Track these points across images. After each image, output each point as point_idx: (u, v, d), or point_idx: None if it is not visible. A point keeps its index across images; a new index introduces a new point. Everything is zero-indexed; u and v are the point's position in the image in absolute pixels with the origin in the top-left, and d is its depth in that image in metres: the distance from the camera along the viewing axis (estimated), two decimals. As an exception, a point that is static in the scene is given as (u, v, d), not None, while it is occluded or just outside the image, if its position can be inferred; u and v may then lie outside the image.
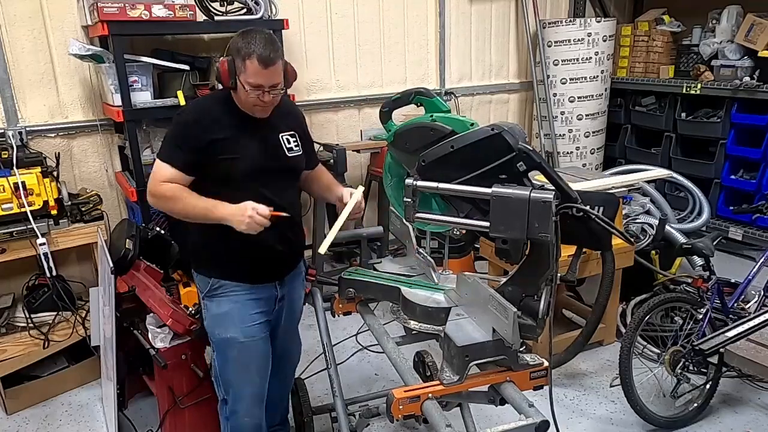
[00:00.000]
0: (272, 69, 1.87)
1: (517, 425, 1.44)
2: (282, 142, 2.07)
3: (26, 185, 2.94)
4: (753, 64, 4.42)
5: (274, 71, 1.88)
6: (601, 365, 3.28)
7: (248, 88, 1.89)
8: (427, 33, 4.78)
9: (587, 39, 4.78)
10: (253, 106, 1.95)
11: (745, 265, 3.90)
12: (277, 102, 1.99)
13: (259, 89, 1.89)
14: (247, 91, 1.89)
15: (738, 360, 2.67)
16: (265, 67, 1.85)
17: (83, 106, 3.62)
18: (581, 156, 5.09)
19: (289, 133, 2.11)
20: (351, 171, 4.27)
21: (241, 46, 1.87)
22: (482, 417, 2.62)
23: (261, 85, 1.88)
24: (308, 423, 2.53)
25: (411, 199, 1.58)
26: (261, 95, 1.90)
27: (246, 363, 2.11)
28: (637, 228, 3.80)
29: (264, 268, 2.09)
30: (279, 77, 1.92)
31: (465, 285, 1.78)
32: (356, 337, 3.55)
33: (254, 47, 1.85)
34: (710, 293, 2.83)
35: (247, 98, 1.93)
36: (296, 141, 2.12)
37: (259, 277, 2.09)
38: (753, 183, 4.45)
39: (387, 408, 1.56)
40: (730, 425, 2.80)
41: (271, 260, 2.10)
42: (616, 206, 1.57)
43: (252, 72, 1.86)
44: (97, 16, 3.03)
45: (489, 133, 1.49)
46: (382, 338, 1.92)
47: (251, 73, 1.86)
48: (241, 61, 1.87)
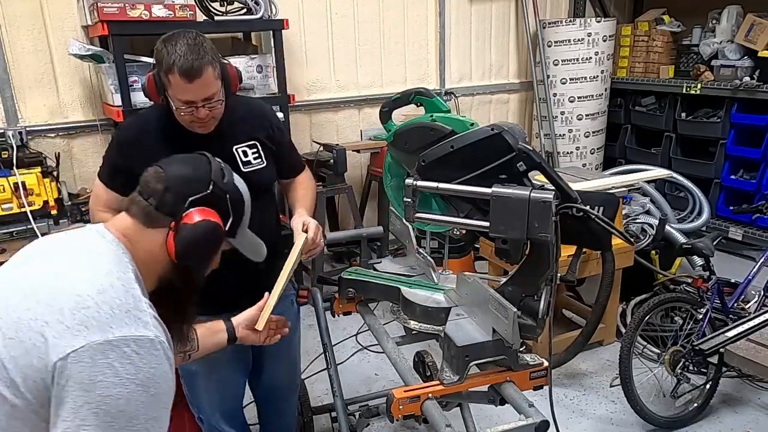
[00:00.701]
0: (199, 81, 1.61)
1: (517, 425, 1.44)
2: (237, 155, 1.83)
3: (26, 185, 2.95)
4: (753, 64, 4.42)
5: (203, 83, 1.62)
6: (601, 365, 3.28)
7: (178, 105, 1.66)
8: (427, 33, 4.78)
9: (587, 39, 4.78)
10: (190, 122, 1.71)
11: (745, 265, 3.90)
12: (219, 114, 1.74)
13: (190, 105, 1.65)
14: (179, 108, 1.66)
15: (738, 360, 2.67)
16: (190, 80, 1.60)
17: (83, 106, 3.62)
18: (581, 156, 5.09)
19: (247, 144, 1.86)
20: (351, 171, 4.27)
21: (161, 57, 1.62)
22: (482, 417, 2.62)
23: (191, 101, 1.64)
24: (308, 423, 2.53)
25: (411, 199, 1.57)
26: (195, 111, 1.66)
27: (213, 391, 2.00)
28: (637, 228, 3.80)
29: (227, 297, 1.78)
30: (211, 88, 1.65)
31: (465, 285, 1.78)
32: (356, 337, 3.55)
33: (174, 57, 1.58)
34: (710, 293, 2.83)
35: (181, 116, 1.69)
36: (256, 152, 1.87)
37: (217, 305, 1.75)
38: (753, 183, 4.45)
39: (387, 408, 1.56)
40: (730, 425, 2.80)
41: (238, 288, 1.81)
42: (616, 206, 1.57)
43: (177, 87, 1.61)
44: (97, 16, 3.04)
45: (489, 133, 1.49)
46: (382, 338, 1.92)
47: (176, 89, 1.62)
48: (165, 76, 1.62)
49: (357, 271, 2.13)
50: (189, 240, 1.23)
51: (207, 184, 1.30)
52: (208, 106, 1.67)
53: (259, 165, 1.87)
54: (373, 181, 4.51)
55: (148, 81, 1.70)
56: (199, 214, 1.26)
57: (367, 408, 2.57)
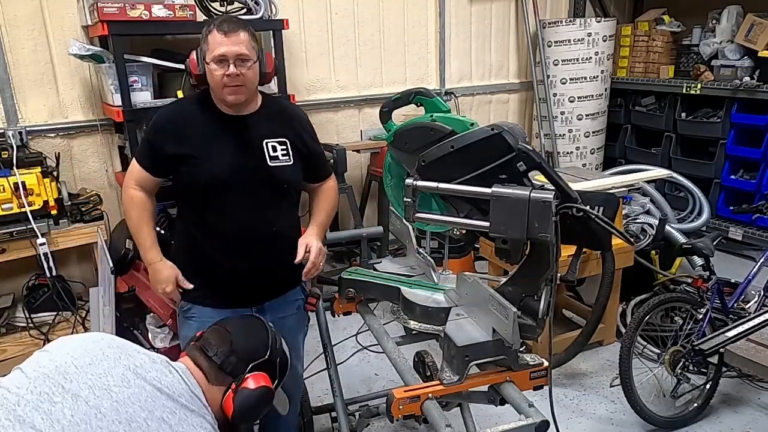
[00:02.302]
0: (234, 37, 1.77)
1: (517, 425, 1.44)
2: (265, 148, 1.91)
3: (26, 185, 2.94)
4: (753, 64, 4.42)
5: (236, 40, 1.77)
6: (601, 365, 3.28)
7: (213, 65, 1.78)
8: (427, 33, 4.78)
9: (587, 39, 4.78)
10: (221, 88, 1.80)
11: (745, 265, 3.90)
12: (250, 82, 1.84)
13: (223, 62, 1.77)
14: (212, 69, 1.78)
15: (738, 360, 2.67)
16: (226, 34, 1.76)
17: (83, 106, 3.62)
18: (581, 156, 5.09)
19: (278, 140, 1.93)
20: (351, 171, 4.27)
21: (204, 31, 1.83)
22: (482, 417, 2.62)
23: (224, 56, 1.76)
24: (308, 423, 2.53)
25: (411, 199, 1.57)
26: (226, 69, 1.77)
27: None
28: (637, 228, 3.80)
29: (230, 291, 1.91)
30: (245, 49, 1.79)
31: (465, 285, 1.78)
32: (356, 337, 3.55)
33: (215, 21, 1.80)
34: (710, 293, 2.83)
35: (214, 78, 1.80)
36: (285, 149, 1.94)
37: (224, 302, 1.90)
38: (753, 183, 4.45)
39: (387, 408, 1.56)
40: (730, 425, 2.80)
41: (240, 283, 1.92)
42: (616, 206, 1.57)
43: (213, 44, 1.77)
44: (97, 16, 3.03)
45: (489, 133, 1.49)
46: (382, 338, 1.92)
47: (213, 46, 1.77)
48: (204, 41, 1.80)
49: (357, 271, 2.13)
50: (248, 404, 1.37)
51: (266, 350, 1.45)
52: (240, 66, 1.77)
53: (285, 162, 1.93)
54: (373, 181, 4.50)
55: (190, 57, 1.86)
56: (259, 380, 1.40)
57: (367, 408, 2.57)
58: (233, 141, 1.88)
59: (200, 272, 1.95)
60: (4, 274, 3.42)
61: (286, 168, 1.93)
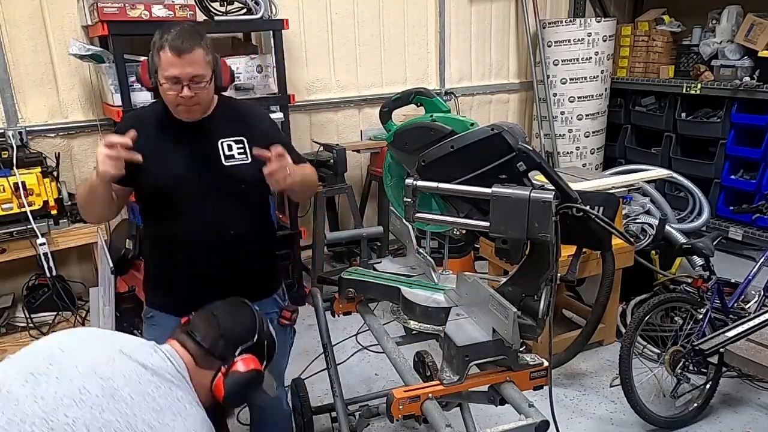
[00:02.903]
0: (187, 57, 1.67)
1: (517, 425, 1.44)
2: (220, 148, 1.84)
3: (26, 185, 2.95)
4: (753, 64, 4.42)
5: (191, 60, 1.68)
6: (601, 365, 3.28)
7: (165, 83, 1.71)
8: (427, 33, 4.78)
9: (587, 39, 4.78)
10: (175, 106, 1.76)
11: (745, 265, 3.90)
12: (204, 101, 1.78)
13: (176, 82, 1.69)
14: (165, 88, 1.71)
15: (738, 360, 2.67)
16: (178, 55, 1.66)
17: (83, 106, 3.62)
18: (581, 156, 5.10)
19: (233, 139, 1.86)
20: (351, 171, 4.27)
21: (155, 40, 1.71)
22: (482, 417, 2.62)
23: (177, 77, 1.68)
24: (308, 423, 2.53)
25: (411, 199, 1.57)
26: (180, 90, 1.70)
27: None
28: (637, 228, 3.80)
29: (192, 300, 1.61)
30: (198, 68, 1.70)
31: (465, 285, 1.78)
32: (356, 337, 3.55)
33: (167, 37, 1.68)
34: (710, 293, 2.83)
35: (167, 96, 1.74)
36: (242, 148, 1.87)
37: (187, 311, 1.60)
38: (753, 183, 4.45)
39: (387, 408, 1.56)
40: (730, 425, 2.80)
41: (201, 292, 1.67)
42: (616, 206, 1.57)
43: (165, 63, 1.68)
44: (97, 16, 3.04)
45: (489, 133, 1.49)
46: (382, 338, 1.92)
47: (165, 65, 1.68)
48: (156, 54, 1.70)
49: (357, 271, 2.13)
50: (240, 387, 1.39)
51: (254, 333, 1.47)
52: (194, 87, 1.71)
53: (242, 160, 1.85)
54: (373, 181, 4.50)
55: (141, 66, 1.78)
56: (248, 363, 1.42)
57: (367, 408, 2.57)
58: (188, 146, 1.83)
59: (162, 280, 1.91)
60: (4, 274, 3.42)
61: (243, 166, 1.85)
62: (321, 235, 3.94)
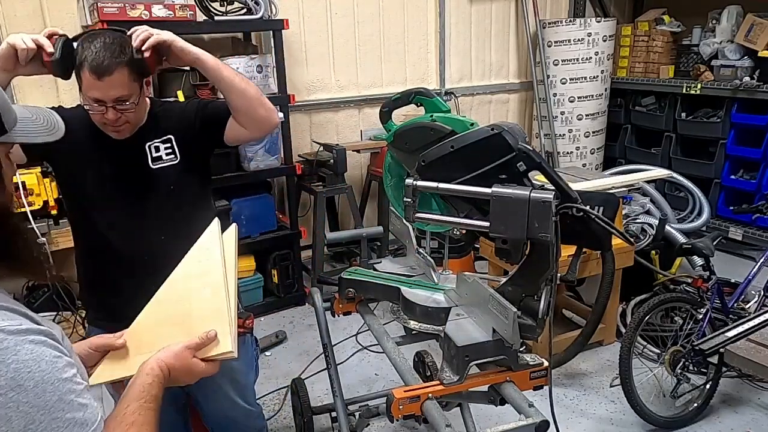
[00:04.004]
0: (109, 79, 1.54)
1: (517, 425, 1.44)
2: (148, 151, 1.76)
3: (26, 185, 2.95)
4: (753, 64, 4.42)
5: (114, 82, 1.55)
6: (601, 365, 3.28)
7: (88, 103, 1.60)
8: (427, 33, 4.78)
9: (587, 39, 4.78)
10: (103, 125, 1.65)
11: (745, 265, 3.90)
12: (135, 120, 1.68)
13: (100, 104, 1.59)
14: (90, 108, 1.61)
15: (738, 360, 2.67)
16: (99, 77, 1.54)
17: (83, 106, 3.62)
18: (581, 156, 5.10)
19: (161, 140, 1.78)
20: (351, 171, 4.27)
21: (77, 54, 1.57)
22: (482, 417, 2.62)
23: (100, 100, 1.58)
24: (308, 423, 2.53)
25: (411, 199, 1.57)
26: (104, 112, 1.60)
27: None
28: (637, 228, 3.80)
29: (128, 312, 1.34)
30: (123, 89, 1.58)
31: (465, 285, 1.78)
32: (356, 337, 3.55)
33: (87, 53, 1.54)
34: (710, 293, 2.83)
35: (94, 117, 1.63)
36: (170, 147, 1.78)
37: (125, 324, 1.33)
38: (753, 183, 4.45)
39: (387, 408, 1.56)
40: (730, 425, 2.80)
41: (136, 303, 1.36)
42: (616, 206, 1.57)
43: (87, 83, 1.56)
44: (97, 16, 3.04)
45: (489, 133, 1.48)
46: (382, 338, 1.92)
47: (86, 85, 1.57)
48: (77, 73, 1.57)
49: (357, 271, 2.13)
50: None
51: None
52: (120, 108, 1.61)
53: (170, 161, 1.78)
54: (373, 181, 4.50)
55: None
56: None
57: (367, 408, 2.57)
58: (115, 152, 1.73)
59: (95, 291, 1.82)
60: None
61: (171, 168, 1.77)
62: (321, 235, 3.94)
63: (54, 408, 0.86)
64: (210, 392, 1.95)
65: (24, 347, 0.86)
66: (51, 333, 0.93)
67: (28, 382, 0.84)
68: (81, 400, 0.90)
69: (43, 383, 0.85)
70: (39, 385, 0.85)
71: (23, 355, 0.85)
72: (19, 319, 0.90)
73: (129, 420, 1.00)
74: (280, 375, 3.22)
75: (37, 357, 0.86)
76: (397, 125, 1.88)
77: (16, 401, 0.82)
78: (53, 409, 0.86)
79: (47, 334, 0.91)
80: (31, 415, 0.84)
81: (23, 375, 0.84)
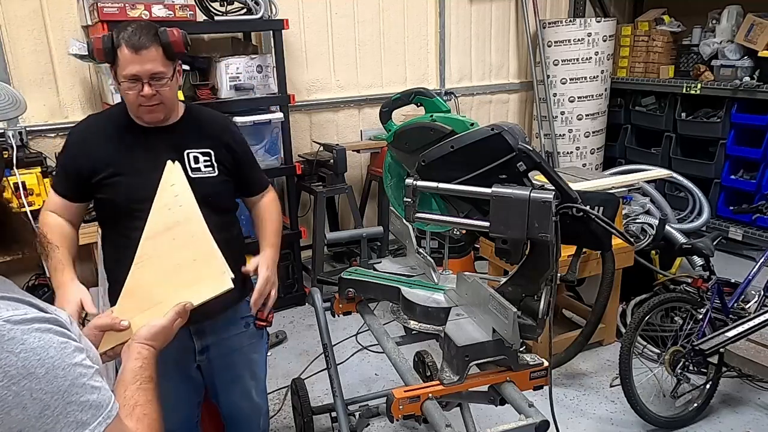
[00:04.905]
0: (145, 54, 1.64)
1: (517, 425, 1.44)
2: (186, 159, 1.79)
3: (26, 185, 2.94)
4: (753, 64, 4.42)
5: (149, 57, 1.65)
6: (601, 365, 3.28)
7: (125, 84, 1.67)
8: (427, 33, 4.78)
9: (587, 39, 4.78)
10: (137, 107, 1.71)
11: (745, 265, 3.90)
12: (168, 100, 1.74)
13: (135, 81, 1.66)
14: (125, 88, 1.68)
15: (738, 360, 2.67)
16: (136, 51, 1.63)
17: (83, 106, 3.62)
18: (581, 156, 5.10)
19: (201, 151, 1.82)
20: (351, 171, 4.27)
21: (113, 35, 1.67)
22: (482, 417, 2.62)
23: (136, 75, 1.65)
24: (308, 423, 2.53)
25: (411, 199, 1.57)
26: (140, 89, 1.66)
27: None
28: (637, 228, 3.80)
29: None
30: (158, 65, 1.67)
31: (465, 285, 1.78)
32: (356, 337, 3.55)
33: (123, 34, 1.65)
34: (710, 293, 2.83)
35: (128, 97, 1.70)
36: (208, 160, 1.82)
37: None
38: (753, 183, 4.45)
39: (387, 408, 1.56)
40: (730, 425, 2.80)
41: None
42: (616, 206, 1.57)
43: (123, 61, 1.65)
44: (97, 16, 3.04)
45: (489, 133, 1.49)
46: (382, 338, 1.92)
47: (123, 63, 1.65)
48: (114, 53, 1.67)
49: (357, 271, 2.13)
50: None
51: None
52: (155, 85, 1.67)
53: (208, 173, 1.82)
54: (373, 181, 4.51)
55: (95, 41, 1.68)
56: None
57: (367, 408, 2.58)
58: (153, 153, 1.74)
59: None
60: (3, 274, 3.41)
61: (209, 180, 1.81)
62: (321, 235, 3.94)
63: (67, 392, 0.87)
64: (229, 382, 2.01)
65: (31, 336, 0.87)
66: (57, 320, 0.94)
67: (39, 370, 0.85)
68: (93, 383, 0.91)
69: (54, 369, 0.87)
70: (50, 371, 0.86)
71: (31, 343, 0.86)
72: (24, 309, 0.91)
73: (131, 402, 1.06)
74: (280, 375, 3.22)
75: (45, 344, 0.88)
76: (397, 125, 1.88)
77: (29, 389, 0.83)
78: (66, 393, 0.87)
79: (53, 321, 0.93)
80: (45, 401, 0.85)
81: (33, 363, 0.85)
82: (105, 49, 1.67)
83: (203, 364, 1.95)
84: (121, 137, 1.77)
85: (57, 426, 0.85)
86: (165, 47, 1.68)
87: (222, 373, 1.99)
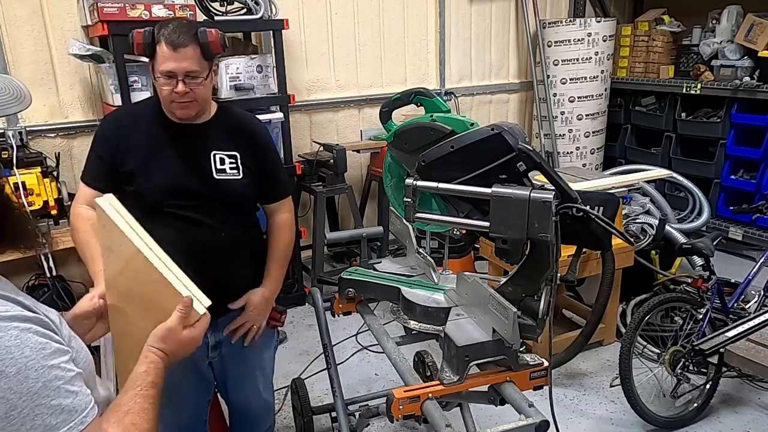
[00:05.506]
0: (183, 52, 1.68)
1: (517, 425, 1.44)
2: (212, 160, 1.82)
3: (26, 185, 2.95)
4: (753, 64, 4.42)
5: (186, 55, 1.68)
6: (601, 365, 3.28)
7: (161, 80, 1.71)
8: (427, 33, 4.78)
9: (587, 39, 4.78)
10: (170, 102, 1.74)
11: (745, 265, 3.90)
12: (201, 98, 1.77)
13: (170, 77, 1.70)
14: (161, 84, 1.72)
15: (738, 360, 2.67)
16: (174, 49, 1.67)
17: (83, 106, 3.62)
18: (581, 156, 5.10)
19: (228, 153, 1.84)
20: (351, 171, 4.27)
21: (153, 31, 1.72)
22: (482, 417, 2.62)
23: (172, 72, 1.69)
24: (308, 423, 2.53)
25: (411, 199, 1.57)
26: (174, 85, 1.70)
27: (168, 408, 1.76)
28: (637, 228, 3.80)
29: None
30: (194, 64, 1.70)
31: (465, 285, 1.78)
32: (356, 337, 3.55)
33: (164, 31, 1.69)
34: (710, 293, 2.83)
35: (162, 93, 1.73)
36: (234, 163, 1.85)
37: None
38: (753, 183, 4.45)
39: (387, 408, 1.56)
40: (730, 425, 2.80)
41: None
42: (616, 206, 1.57)
43: (161, 57, 1.69)
44: (97, 16, 3.04)
45: (489, 133, 1.48)
46: (382, 338, 1.92)
47: (160, 59, 1.69)
48: (153, 49, 1.71)
49: (357, 271, 2.13)
50: None
51: None
52: (189, 83, 1.70)
53: (233, 175, 1.84)
54: (373, 181, 4.51)
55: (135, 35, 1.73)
56: None
57: (367, 408, 2.57)
58: (181, 151, 1.80)
59: None
60: (3, 274, 3.40)
61: (233, 182, 1.84)
62: (321, 235, 3.94)
63: (37, 395, 0.85)
64: (241, 378, 2.06)
65: (8, 333, 0.86)
66: (41, 320, 0.92)
67: (9, 368, 0.83)
68: (69, 386, 0.89)
69: (26, 369, 0.85)
70: (21, 371, 0.84)
71: (6, 341, 0.85)
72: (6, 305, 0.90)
73: (124, 408, 1.01)
74: (280, 375, 3.21)
75: (21, 343, 0.86)
76: (397, 125, 1.88)
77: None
78: (37, 395, 0.85)
79: (36, 321, 0.91)
80: (12, 401, 0.83)
81: (5, 361, 0.83)
82: (145, 43, 1.72)
83: (215, 360, 1.98)
84: (151, 130, 1.80)
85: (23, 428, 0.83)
86: (203, 47, 1.71)
87: (234, 368, 2.03)
